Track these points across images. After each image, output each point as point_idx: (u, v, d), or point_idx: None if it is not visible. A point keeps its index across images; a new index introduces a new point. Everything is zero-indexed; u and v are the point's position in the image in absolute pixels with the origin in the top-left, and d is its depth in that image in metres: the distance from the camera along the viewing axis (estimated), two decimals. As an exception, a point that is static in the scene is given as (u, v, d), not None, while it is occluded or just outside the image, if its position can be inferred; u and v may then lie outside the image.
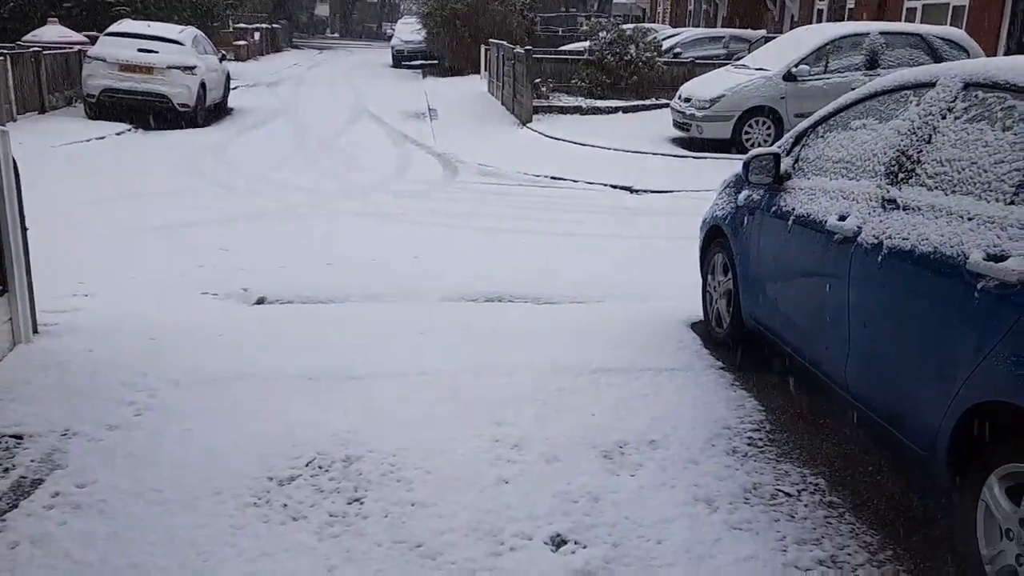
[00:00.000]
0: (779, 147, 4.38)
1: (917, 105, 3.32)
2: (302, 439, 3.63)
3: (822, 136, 4.07)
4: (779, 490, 3.36)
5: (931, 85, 3.30)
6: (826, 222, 3.59)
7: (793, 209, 3.97)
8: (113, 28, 15.67)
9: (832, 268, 3.51)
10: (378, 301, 5.88)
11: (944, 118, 3.13)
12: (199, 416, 3.82)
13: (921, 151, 3.18)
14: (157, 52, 14.77)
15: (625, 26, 18.98)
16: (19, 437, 3.55)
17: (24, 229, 4.46)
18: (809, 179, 4.01)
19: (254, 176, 11.03)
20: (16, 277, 4.34)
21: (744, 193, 4.63)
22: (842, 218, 3.47)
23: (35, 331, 4.61)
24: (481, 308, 5.82)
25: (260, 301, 5.86)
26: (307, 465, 3.43)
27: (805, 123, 4.28)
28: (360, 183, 10.90)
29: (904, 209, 3.13)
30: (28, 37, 16.94)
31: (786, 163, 4.24)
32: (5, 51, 14.02)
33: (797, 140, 4.29)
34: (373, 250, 7.29)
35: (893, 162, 3.32)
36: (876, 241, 3.19)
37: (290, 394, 4.11)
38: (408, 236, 7.98)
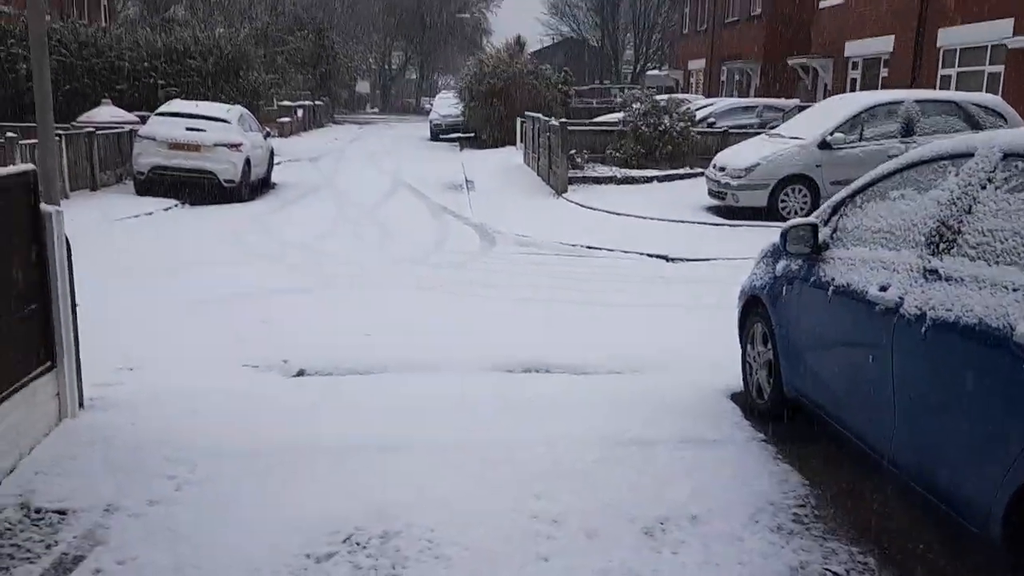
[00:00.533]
0: (816, 217, 4.38)
1: (956, 175, 3.32)
2: (340, 513, 3.61)
3: (860, 206, 4.06)
4: (827, 569, 3.26)
5: (969, 155, 3.30)
6: (867, 292, 3.56)
7: (833, 279, 3.95)
8: (163, 108, 16.30)
9: (874, 339, 3.46)
10: (416, 372, 5.90)
11: (984, 188, 3.12)
12: (239, 489, 3.84)
13: (962, 221, 3.16)
14: (204, 130, 15.29)
15: (659, 97, 19.26)
16: (63, 512, 3.58)
17: (74, 305, 4.58)
18: (848, 249, 3.99)
19: (296, 248, 11.25)
20: (65, 353, 4.44)
21: (782, 263, 4.62)
22: (883, 288, 3.44)
23: (81, 405, 4.69)
24: (519, 378, 5.81)
25: (300, 373, 5.91)
26: (344, 541, 3.41)
27: (842, 193, 4.28)
28: (399, 254, 11.05)
29: (946, 280, 3.10)
30: (83, 118, 17.68)
31: (824, 233, 4.24)
32: (60, 132, 14.61)
33: (835, 210, 4.28)
34: (411, 321, 7.35)
35: (934, 232, 3.30)
36: (919, 312, 3.15)
37: (329, 466, 4.11)
38: (446, 306, 8.04)
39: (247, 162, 15.74)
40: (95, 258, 9.26)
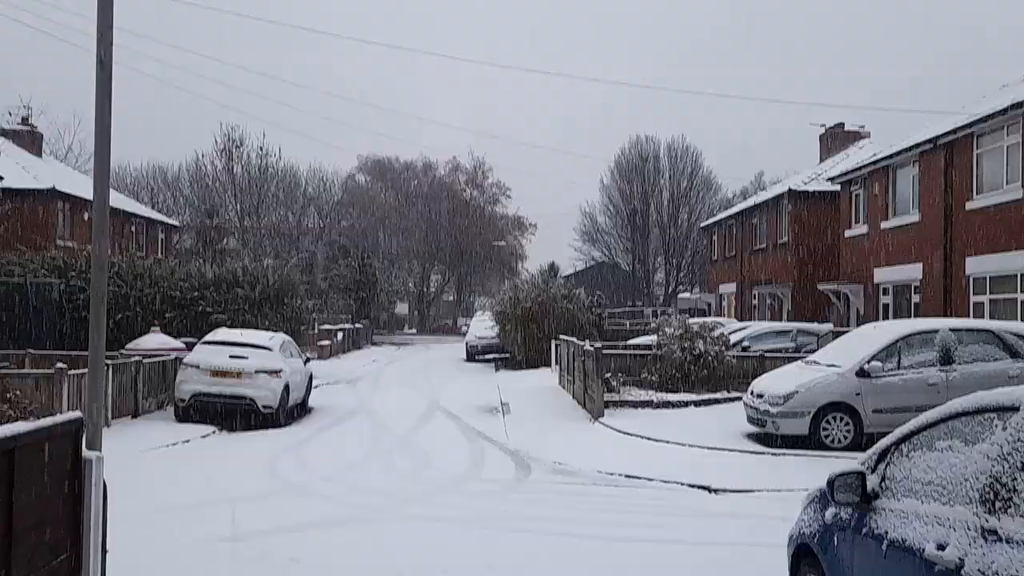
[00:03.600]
0: (863, 464, 4.28)
1: (1004, 430, 3.26)
2: None
3: (907, 455, 3.97)
4: None
5: (1015, 409, 3.25)
6: (924, 550, 3.40)
7: (886, 532, 3.79)
8: (209, 337, 16.88)
9: (937, 602, 3.26)
10: (449, 621, 5.62)
11: (1034, 444, 3.05)
12: None
13: (1015, 479, 3.07)
14: (247, 358, 15.71)
15: (692, 320, 19.57)
16: None
17: (104, 551, 4.50)
18: (899, 500, 3.86)
19: (328, 478, 11.12)
20: (90, 604, 4.31)
21: (831, 510, 4.46)
22: (940, 547, 3.30)
23: (100, 660, 4.47)
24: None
25: (328, 621, 5.66)
26: None
27: (887, 440, 4.21)
28: (433, 483, 10.87)
29: (1007, 542, 2.97)
30: (131, 345, 18.30)
31: (872, 481, 4.12)
32: (108, 362, 15.05)
33: (881, 457, 4.19)
34: (445, 559, 7.10)
35: (987, 489, 3.20)
36: (983, 577, 2.98)
37: None
38: (481, 542, 7.78)
39: (286, 388, 16.01)
40: (127, 493, 9.22)
